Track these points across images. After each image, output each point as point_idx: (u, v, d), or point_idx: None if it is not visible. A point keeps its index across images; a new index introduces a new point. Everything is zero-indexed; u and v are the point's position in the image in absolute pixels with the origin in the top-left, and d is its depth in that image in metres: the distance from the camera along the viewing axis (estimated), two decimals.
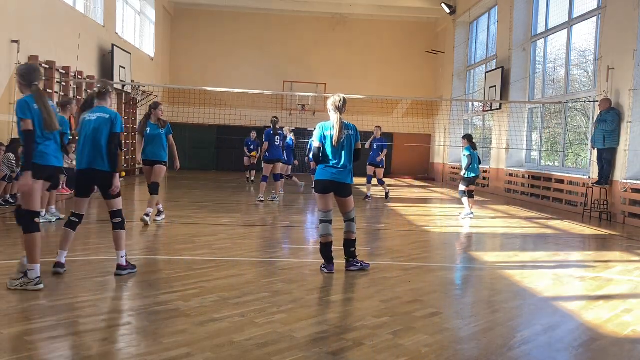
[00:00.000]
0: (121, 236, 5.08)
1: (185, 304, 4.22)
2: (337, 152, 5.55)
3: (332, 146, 5.53)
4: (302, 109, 22.83)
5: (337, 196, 5.63)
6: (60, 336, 3.46)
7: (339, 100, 5.62)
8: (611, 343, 3.83)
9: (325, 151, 5.59)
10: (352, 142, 5.61)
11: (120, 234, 5.07)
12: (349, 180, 5.62)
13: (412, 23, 24.24)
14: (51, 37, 12.51)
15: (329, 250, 5.53)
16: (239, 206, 11.43)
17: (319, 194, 5.63)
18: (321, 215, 5.62)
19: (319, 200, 5.62)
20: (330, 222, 5.58)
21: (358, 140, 5.67)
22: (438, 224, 9.74)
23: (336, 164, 5.55)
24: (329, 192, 5.60)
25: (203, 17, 23.63)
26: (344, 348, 3.47)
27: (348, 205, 5.65)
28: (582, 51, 14.06)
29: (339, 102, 5.61)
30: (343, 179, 5.57)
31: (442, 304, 4.61)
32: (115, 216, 5.09)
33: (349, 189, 5.65)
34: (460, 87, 21.59)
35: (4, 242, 6.48)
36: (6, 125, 10.84)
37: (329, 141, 5.55)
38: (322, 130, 5.61)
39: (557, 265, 6.35)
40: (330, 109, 5.64)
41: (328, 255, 5.53)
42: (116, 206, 5.10)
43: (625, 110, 10.74)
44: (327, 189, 5.58)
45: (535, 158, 15.76)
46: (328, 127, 5.61)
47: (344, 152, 5.55)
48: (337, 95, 5.75)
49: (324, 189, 5.59)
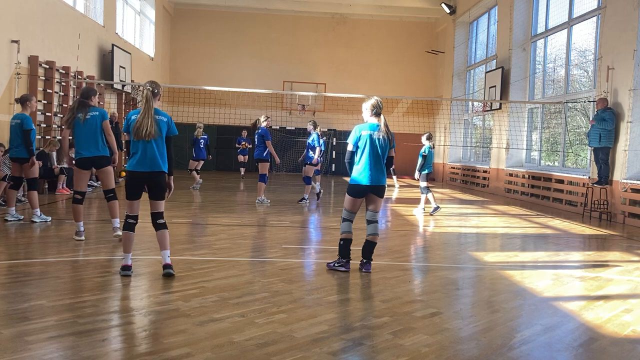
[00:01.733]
0: (166, 236, 5.15)
1: (185, 304, 4.22)
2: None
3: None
4: (302, 108, 22.84)
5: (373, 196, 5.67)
6: (60, 336, 3.46)
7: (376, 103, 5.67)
8: (611, 343, 3.83)
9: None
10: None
11: (164, 233, 5.15)
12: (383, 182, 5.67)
13: (412, 23, 24.24)
14: (51, 37, 12.51)
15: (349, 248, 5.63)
16: (239, 206, 11.43)
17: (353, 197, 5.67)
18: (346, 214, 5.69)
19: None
20: (352, 221, 5.68)
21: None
22: (438, 224, 9.74)
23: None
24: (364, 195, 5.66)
25: (203, 17, 23.63)
26: (344, 348, 3.48)
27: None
28: (582, 51, 14.06)
29: (377, 104, 5.66)
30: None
31: (442, 304, 4.61)
32: (159, 217, 5.16)
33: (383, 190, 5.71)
34: (460, 87, 21.59)
35: (4, 242, 6.48)
36: (6, 125, 10.84)
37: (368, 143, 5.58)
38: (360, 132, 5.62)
39: (557, 265, 6.35)
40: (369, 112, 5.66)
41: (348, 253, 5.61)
42: (160, 208, 5.18)
43: (625, 110, 10.73)
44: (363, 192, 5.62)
45: (535, 158, 15.77)
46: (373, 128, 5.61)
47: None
48: (374, 98, 5.78)
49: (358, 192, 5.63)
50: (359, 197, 5.63)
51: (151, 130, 4.94)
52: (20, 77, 11.06)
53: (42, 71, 11.84)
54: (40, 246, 6.41)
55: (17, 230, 7.20)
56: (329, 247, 6.97)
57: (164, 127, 5.08)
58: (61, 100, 12.91)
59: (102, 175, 6.77)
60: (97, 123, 6.50)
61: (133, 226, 5.12)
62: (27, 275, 4.90)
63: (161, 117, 5.09)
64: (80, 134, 6.47)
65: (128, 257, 5.06)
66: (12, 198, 7.93)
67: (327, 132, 21.50)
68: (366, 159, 5.54)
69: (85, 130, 6.46)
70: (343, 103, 19.09)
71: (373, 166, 5.54)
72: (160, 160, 5.05)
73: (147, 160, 5.00)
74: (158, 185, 5.09)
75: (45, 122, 12.05)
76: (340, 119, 20.28)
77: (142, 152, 4.99)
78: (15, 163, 7.85)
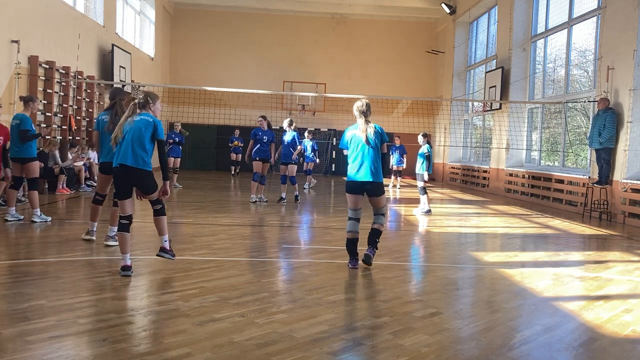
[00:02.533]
0: (162, 222, 5.29)
1: (185, 304, 4.22)
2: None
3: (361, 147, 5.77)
4: (302, 108, 22.84)
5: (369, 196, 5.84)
6: (60, 336, 3.46)
7: (362, 105, 5.87)
8: (611, 343, 3.83)
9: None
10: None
11: (161, 220, 5.29)
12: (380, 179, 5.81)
13: (412, 23, 24.24)
14: (51, 37, 12.51)
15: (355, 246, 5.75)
16: (238, 206, 11.43)
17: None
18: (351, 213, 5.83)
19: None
20: (358, 220, 5.80)
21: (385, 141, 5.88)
22: (438, 224, 9.74)
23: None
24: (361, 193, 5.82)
25: (203, 17, 23.63)
26: (344, 348, 3.47)
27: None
28: (582, 51, 14.06)
29: (362, 106, 5.86)
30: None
31: (442, 304, 4.60)
32: (156, 203, 5.28)
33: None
34: (460, 87, 21.59)
35: (4, 242, 6.48)
36: (6, 125, 10.82)
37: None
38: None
39: (557, 265, 6.35)
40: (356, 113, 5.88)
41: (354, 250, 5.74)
42: (154, 196, 5.28)
43: (625, 110, 10.73)
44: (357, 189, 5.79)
45: (535, 158, 15.77)
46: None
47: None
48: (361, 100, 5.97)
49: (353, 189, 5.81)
50: (353, 193, 5.78)
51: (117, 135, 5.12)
52: (20, 77, 11.06)
53: (42, 71, 11.84)
54: (40, 246, 6.41)
55: (17, 230, 7.20)
56: (328, 247, 6.97)
57: (149, 128, 5.12)
58: (61, 100, 12.91)
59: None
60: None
61: (127, 227, 5.14)
62: (27, 275, 4.90)
63: (146, 118, 5.16)
64: (104, 139, 6.40)
65: (127, 257, 5.07)
66: (12, 198, 7.92)
67: (327, 132, 21.68)
68: (355, 157, 5.78)
69: (108, 136, 6.39)
70: (343, 103, 19.04)
71: (362, 163, 5.72)
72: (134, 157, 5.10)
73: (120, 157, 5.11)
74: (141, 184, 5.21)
75: (45, 122, 12.05)
76: (340, 119, 20.29)
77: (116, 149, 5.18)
78: (16, 163, 7.85)
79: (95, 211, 6.54)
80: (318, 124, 23.28)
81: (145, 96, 5.31)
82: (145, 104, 5.26)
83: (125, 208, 5.15)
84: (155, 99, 5.37)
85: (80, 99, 13.94)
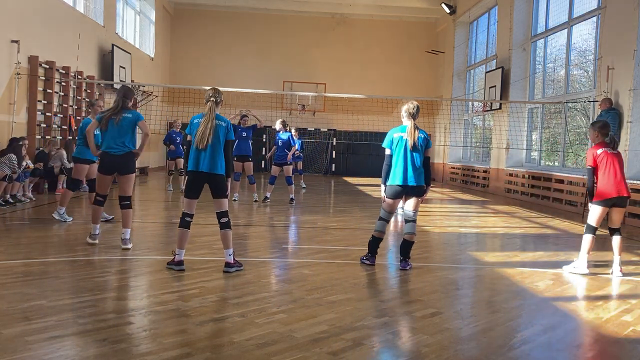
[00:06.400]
0: (228, 235, 5.32)
1: (185, 304, 4.22)
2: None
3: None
4: (302, 108, 22.83)
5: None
6: (60, 336, 3.46)
7: (412, 107, 5.94)
8: (611, 343, 3.83)
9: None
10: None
11: (227, 233, 5.32)
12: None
13: (412, 23, 24.24)
14: (51, 37, 12.51)
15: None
16: (238, 206, 11.42)
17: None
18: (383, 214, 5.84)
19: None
20: (388, 222, 5.87)
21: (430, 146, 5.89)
22: (438, 224, 9.74)
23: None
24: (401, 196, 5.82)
25: (203, 17, 23.63)
26: (344, 348, 3.47)
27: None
28: (582, 51, 14.06)
29: (412, 109, 5.93)
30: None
31: (442, 304, 4.60)
32: (223, 216, 5.35)
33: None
34: (460, 87, 21.59)
35: (4, 242, 6.48)
36: (6, 126, 10.85)
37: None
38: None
39: (557, 266, 6.34)
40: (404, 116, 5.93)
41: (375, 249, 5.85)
42: (224, 207, 5.37)
43: (625, 110, 10.73)
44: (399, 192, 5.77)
45: (535, 158, 15.77)
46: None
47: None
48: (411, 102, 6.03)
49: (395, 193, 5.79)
50: (395, 198, 5.78)
51: (209, 140, 5.19)
52: (20, 77, 11.06)
53: (42, 71, 11.84)
54: (40, 246, 6.41)
55: (17, 230, 7.20)
56: (328, 247, 6.97)
57: (223, 132, 5.30)
58: (61, 100, 12.91)
59: (122, 180, 6.33)
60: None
61: (188, 224, 5.32)
62: (27, 275, 4.90)
63: (221, 123, 5.32)
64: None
65: (182, 252, 5.25)
66: (96, 216, 6.91)
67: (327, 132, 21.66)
68: (400, 160, 5.71)
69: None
70: (343, 103, 19.10)
71: (406, 167, 5.68)
72: (218, 162, 5.28)
73: (206, 162, 5.25)
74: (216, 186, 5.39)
75: (45, 122, 12.05)
76: (340, 119, 20.27)
77: (201, 154, 5.25)
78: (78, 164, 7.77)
79: (97, 213, 6.50)
80: (318, 124, 23.28)
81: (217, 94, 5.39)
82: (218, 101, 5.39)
83: (190, 206, 5.39)
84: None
85: (80, 99, 13.93)
